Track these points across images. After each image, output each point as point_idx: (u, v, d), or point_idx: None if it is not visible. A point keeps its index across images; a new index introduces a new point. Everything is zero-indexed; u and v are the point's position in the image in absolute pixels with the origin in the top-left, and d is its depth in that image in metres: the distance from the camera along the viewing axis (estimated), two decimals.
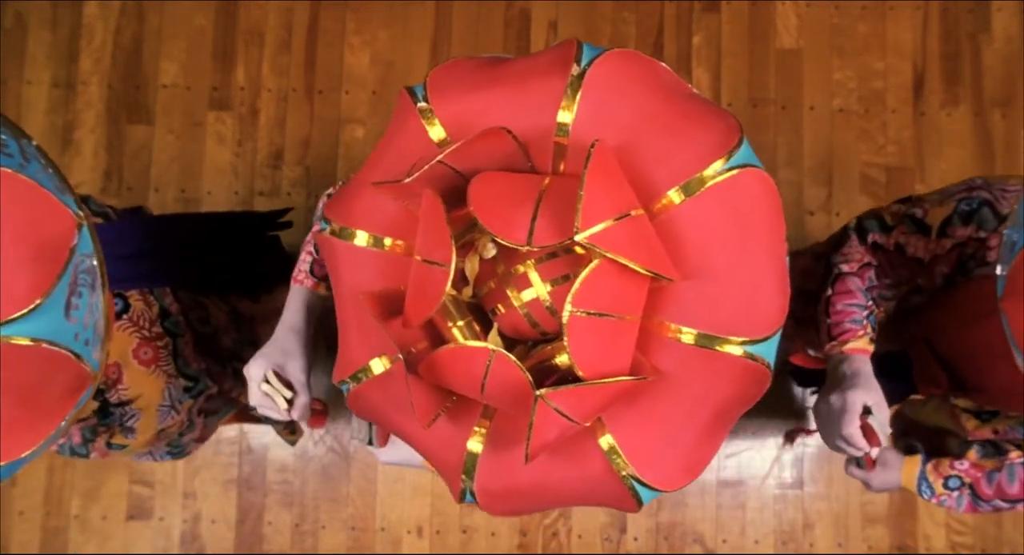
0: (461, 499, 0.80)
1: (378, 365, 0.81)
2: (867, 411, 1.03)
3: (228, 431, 2.03)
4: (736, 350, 0.70)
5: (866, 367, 1.07)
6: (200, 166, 2.11)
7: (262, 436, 2.04)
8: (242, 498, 2.03)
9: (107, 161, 2.10)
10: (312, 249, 1.04)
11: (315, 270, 1.05)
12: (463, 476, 0.78)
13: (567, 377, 0.70)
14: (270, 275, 1.47)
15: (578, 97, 0.71)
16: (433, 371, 0.72)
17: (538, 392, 0.64)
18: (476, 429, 0.78)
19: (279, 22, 2.15)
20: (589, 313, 0.66)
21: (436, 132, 0.75)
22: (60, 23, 2.12)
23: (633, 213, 0.67)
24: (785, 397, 2.04)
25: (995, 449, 1.21)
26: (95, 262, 0.81)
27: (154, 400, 1.15)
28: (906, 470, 1.22)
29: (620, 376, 0.68)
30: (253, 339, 1.41)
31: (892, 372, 1.24)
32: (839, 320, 1.10)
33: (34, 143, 0.80)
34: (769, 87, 2.13)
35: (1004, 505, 1.18)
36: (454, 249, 0.68)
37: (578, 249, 0.72)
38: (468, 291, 0.80)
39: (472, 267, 0.78)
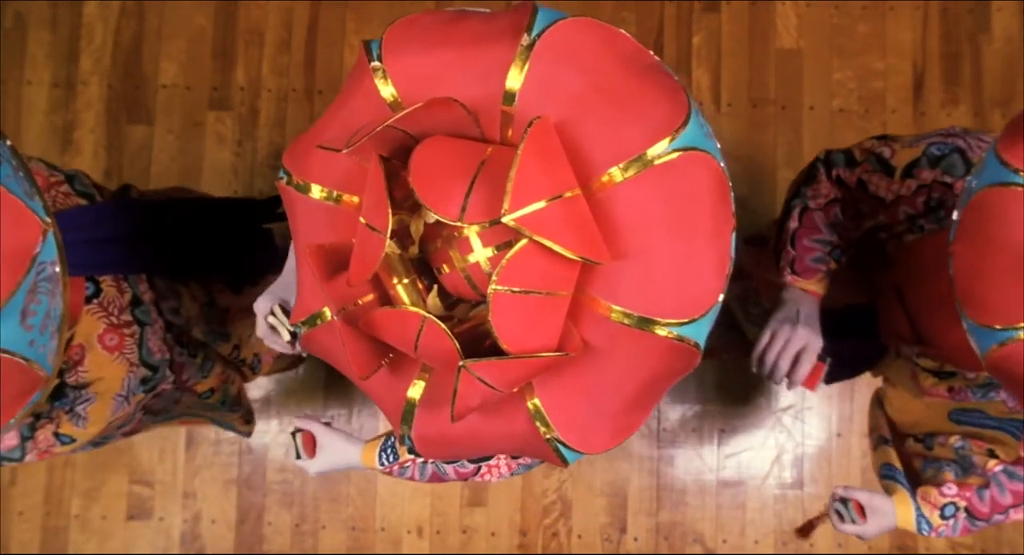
0: (401, 443, 0.85)
1: (329, 312, 0.83)
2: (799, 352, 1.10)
3: (228, 432, 2.03)
4: (664, 331, 0.70)
5: (815, 312, 1.13)
6: (200, 166, 2.11)
7: (262, 436, 2.04)
8: (242, 498, 2.03)
9: (107, 161, 2.10)
10: None
11: None
12: (402, 423, 0.80)
13: (497, 346, 0.71)
14: (258, 268, 1.46)
15: (526, 67, 0.70)
16: (371, 328, 0.74)
17: (461, 362, 0.66)
18: (416, 380, 0.80)
19: (279, 22, 2.15)
20: (514, 291, 0.66)
21: (388, 91, 0.75)
22: (60, 23, 2.12)
23: (568, 194, 0.67)
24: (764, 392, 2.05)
25: (965, 465, 1.20)
26: (57, 269, 0.81)
27: (112, 387, 1.14)
28: (900, 512, 1.20)
29: (545, 351, 0.68)
30: (226, 333, 1.40)
31: (858, 326, 1.26)
32: (803, 255, 1.14)
33: (7, 143, 0.80)
34: (769, 87, 2.13)
35: (1001, 518, 1.17)
36: (391, 217, 0.68)
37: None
38: (415, 249, 0.80)
39: (417, 227, 0.78)
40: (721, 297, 0.71)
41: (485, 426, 0.77)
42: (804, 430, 2.05)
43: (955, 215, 0.83)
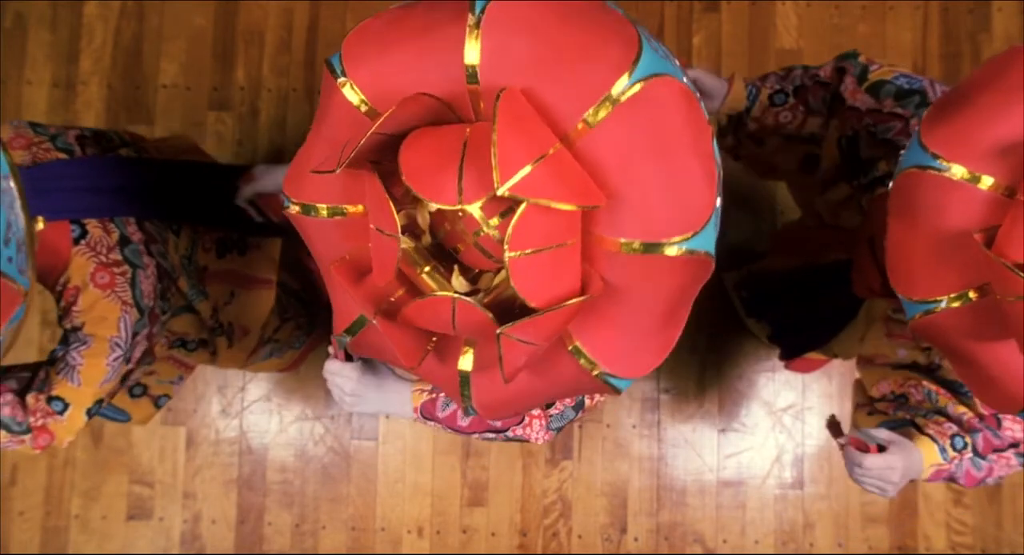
0: (467, 413, 0.88)
1: (367, 316, 0.88)
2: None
3: (228, 432, 2.03)
4: (674, 250, 0.73)
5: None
6: None
7: (262, 436, 2.04)
8: (242, 498, 2.03)
9: None
10: None
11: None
12: (462, 395, 0.86)
13: (527, 305, 0.75)
14: (242, 235, 1.49)
15: (479, 44, 0.74)
16: (409, 320, 0.78)
17: (499, 330, 0.70)
18: (464, 351, 0.84)
19: (279, 22, 2.15)
20: (527, 252, 0.70)
21: (359, 101, 0.79)
22: (60, 23, 2.12)
23: (551, 151, 0.70)
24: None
25: (945, 413, 1.22)
26: (12, 184, 0.84)
27: (107, 329, 1.16)
28: (921, 445, 1.18)
29: (570, 299, 0.73)
30: (204, 291, 1.41)
31: (836, 281, 1.31)
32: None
33: None
34: None
35: (995, 463, 1.17)
36: (397, 217, 0.72)
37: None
38: (427, 238, 0.83)
39: (424, 218, 0.81)
40: (718, 202, 0.75)
41: (537, 380, 0.82)
42: (804, 430, 2.05)
43: (890, 185, 0.90)
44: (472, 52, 0.73)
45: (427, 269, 0.83)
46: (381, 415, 1.20)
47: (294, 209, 0.87)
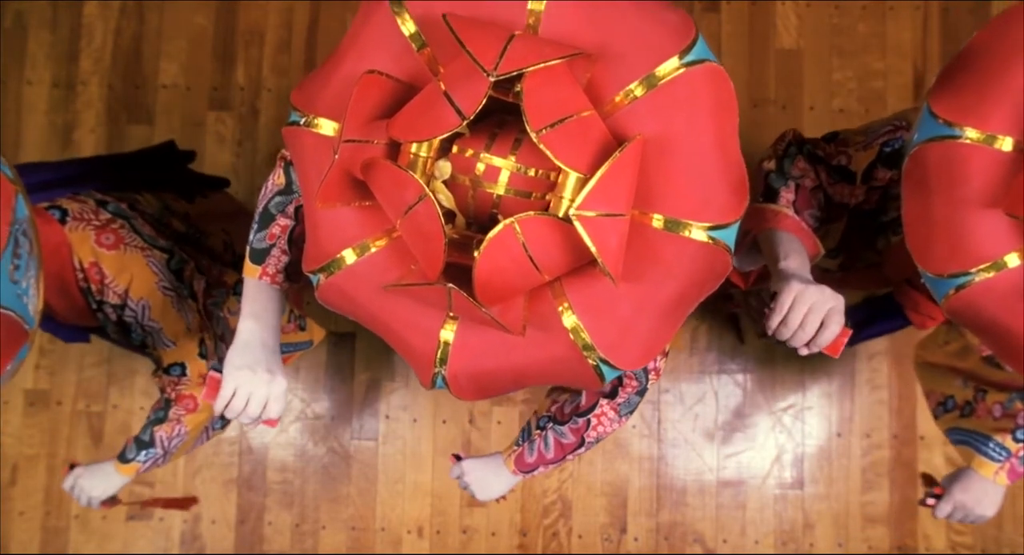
0: (432, 385, 0.84)
1: (350, 255, 0.82)
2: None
3: (228, 432, 2.03)
4: (701, 235, 0.74)
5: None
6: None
7: (262, 436, 2.04)
8: (242, 498, 2.03)
9: None
10: (285, 246, 1.01)
11: (289, 270, 1.03)
12: (436, 365, 0.82)
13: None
14: (194, 188, 1.53)
15: None
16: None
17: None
18: (447, 320, 0.81)
19: (279, 22, 2.15)
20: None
21: (407, 26, 0.78)
22: (60, 23, 2.12)
23: (585, 113, 0.72)
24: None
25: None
26: (28, 227, 0.86)
27: (147, 279, 1.16)
28: (976, 465, 1.20)
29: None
30: (199, 230, 1.43)
31: (884, 312, 1.29)
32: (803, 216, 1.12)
33: None
34: (769, 87, 2.13)
35: None
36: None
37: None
38: (461, 220, 0.82)
39: (447, 196, 0.80)
40: (746, 202, 0.76)
41: (522, 353, 0.79)
42: (804, 430, 2.05)
43: (903, 169, 0.87)
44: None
45: (420, 153, 0.79)
46: (499, 493, 1.23)
47: (294, 121, 0.84)
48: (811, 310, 0.92)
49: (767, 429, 2.05)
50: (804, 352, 0.96)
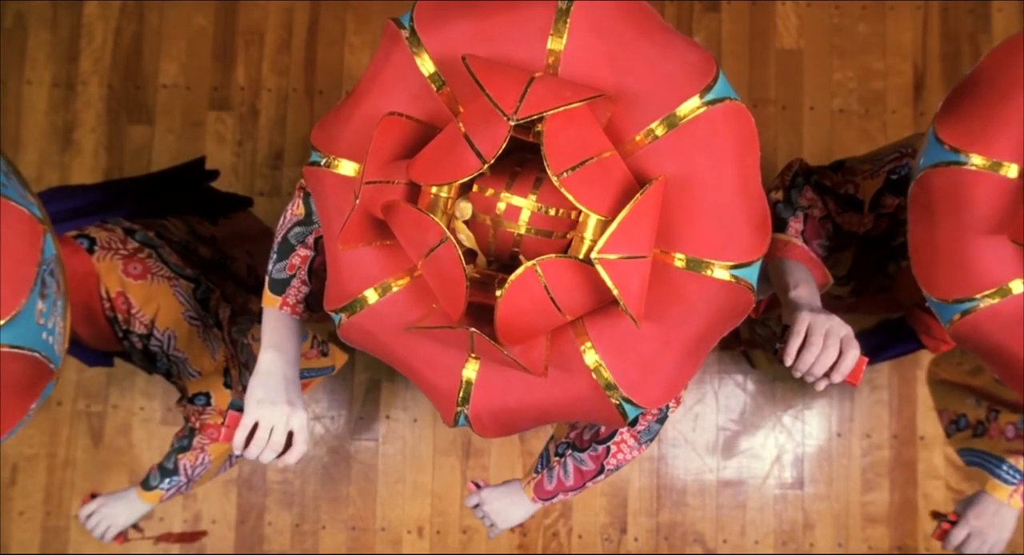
0: (455, 423, 0.84)
1: (372, 295, 0.82)
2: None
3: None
4: (723, 274, 0.74)
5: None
6: None
7: None
8: (242, 498, 2.03)
9: (107, 161, 2.10)
10: (305, 276, 1.00)
11: (309, 300, 1.02)
12: (459, 404, 0.83)
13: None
14: (218, 208, 1.52)
15: (567, 29, 0.74)
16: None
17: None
18: (469, 359, 0.81)
19: (279, 22, 2.15)
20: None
21: (426, 66, 0.78)
22: (60, 23, 2.12)
23: (606, 154, 0.72)
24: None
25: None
26: (56, 266, 0.86)
27: (173, 309, 1.16)
28: (990, 488, 1.20)
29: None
30: (225, 254, 1.43)
31: (897, 336, 1.29)
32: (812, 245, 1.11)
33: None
34: (769, 87, 2.13)
35: None
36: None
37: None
38: (482, 259, 0.82)
39: (468, 236, 0.80)
40: (768, 241, 0.76)
41: (541, 394, 0.79)
42: (804, 430, 2.05)
43: (908, 194, 0.87)
44: (558, 36, 0.74)
45: (442, 193, 0.79)
46: (518, 522, 1.24)
47: (314, 161, 0.84)
48: (828, 335, 0.92)
49: (767, 429, 2.05)
50: (823, 385, 0.95)
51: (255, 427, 0.96)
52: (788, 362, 0.94)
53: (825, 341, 0.92)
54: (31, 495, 2.02)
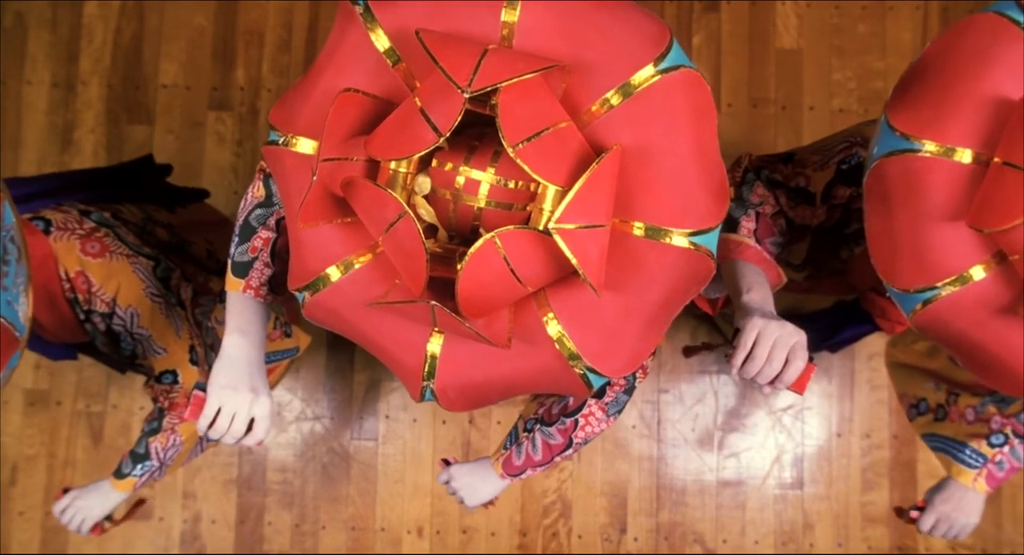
0: (421, 398, 0.84)
1: (335, 273, 0.82)
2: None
3: None
4: (682, 241, 0.74)
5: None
6: (200, 166, 2.11)
7: None
8: (242, 498, 2.03)
9: (107, 161, 2.09)
10: (268, 258, 1.00)
11: (272, 283, 1.02)
12: (424, 378, 0.83)
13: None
14: (175, 199, 1.54)
15: (520, 1, 0.75)
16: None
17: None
18: (433, 334, 0.82)
19: (279, 22, 2.15)
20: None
21: (381, 42, 0.79)
22: (60, 23, 2.12)
23: (562, 125, 0.72)
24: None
25: (997, 399, 1.22)
26: (16, 233, 0.86)
27: (134, 285, 1.16)
28: (953, 472, 1.21)
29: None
30: (183, 239, 1.43)
31: (853, 317, 1.31)
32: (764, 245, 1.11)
33: None
34: (769, 87, 2.13)
35: None
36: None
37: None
38: (443, 234, 0.82)
39: (428, 211, 0.80)
40: (727, 208, 0.77)
41: (507, 366, 0.80)
42: (804, 430, 2.05)
43: (864, 185, 0.87)
44: (511, 9, 0.74)
45: (400, 169, 0.79)
46: (488, 498, 1.24)
47: (272, 140, 0.84)
48: (775, 345, 0.91)
49: (767, 429, 2.05)
50: (768, 391, 0.96)
51: (219, 412, 0.97)
52: (734, 372, 0.94)
53: (772, 352, 0.91)
54: (31, 495, 2.02)
